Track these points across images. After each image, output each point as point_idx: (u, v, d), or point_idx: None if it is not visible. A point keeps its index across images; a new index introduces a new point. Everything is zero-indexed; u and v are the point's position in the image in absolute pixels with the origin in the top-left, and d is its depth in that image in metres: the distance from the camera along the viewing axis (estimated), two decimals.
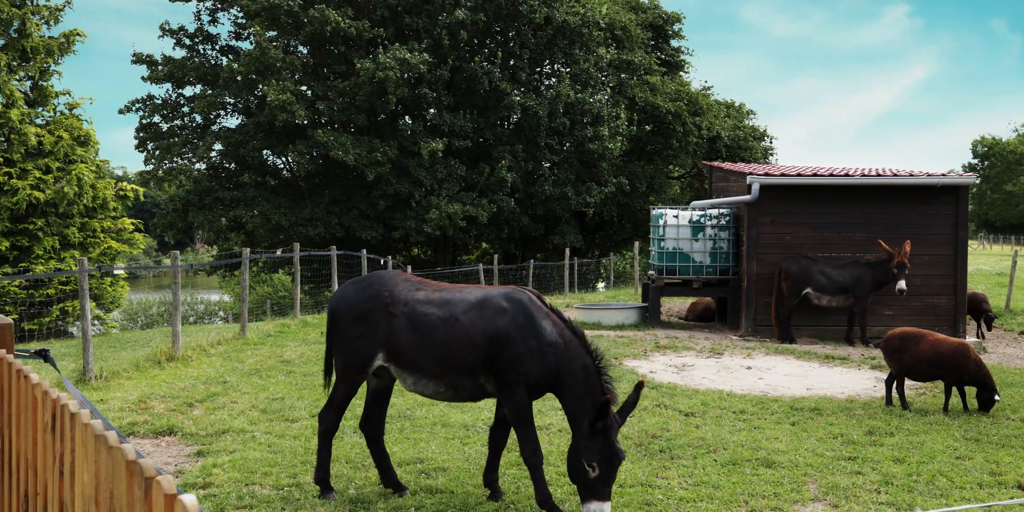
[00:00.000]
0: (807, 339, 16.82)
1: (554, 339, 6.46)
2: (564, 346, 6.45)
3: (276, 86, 30.60)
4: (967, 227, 17.11)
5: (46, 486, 2.86)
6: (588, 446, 6.12)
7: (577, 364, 6.42)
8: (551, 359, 6.43)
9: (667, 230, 17.78)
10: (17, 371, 3.20)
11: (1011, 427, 9.85)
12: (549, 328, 6.49)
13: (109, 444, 2.12)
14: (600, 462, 6.09)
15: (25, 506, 3.09)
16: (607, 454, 6.10)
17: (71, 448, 2.53)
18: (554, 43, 34.73)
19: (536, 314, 6.52)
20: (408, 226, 32.41)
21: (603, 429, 6.10)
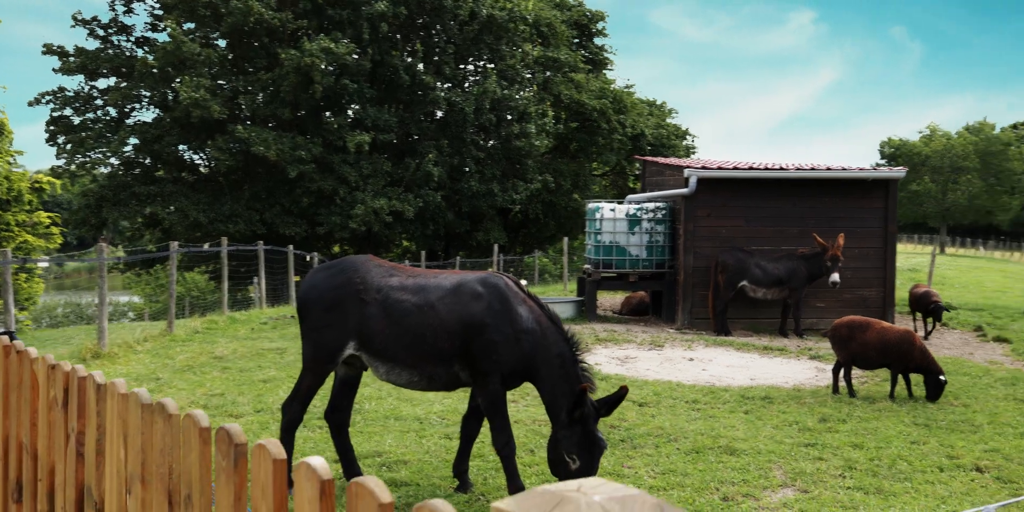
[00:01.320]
0: (742, 331, 16.95)
1: (530, 326, 6.27)
2: (541, 333, 6.27)
3: (190, 82, 29.75)
4: (896, 220, 17.44)
5: (52, 470, 2.58)
6: (567, 437, 5.96)
7: (553, 351, 6.26)
8: (527, 347, 6.24)
9: (604, 224, 17.74)
10: (3, 347, 2.90)
11: (956, 413, 10.01)
12: (525, 314, 6.30)
13: (167, 412, 1.88)
14: (580, 453, 5.93)
15: (18, 495, 2.79)
16: (586, 444, 5.94)
17: (97, 424, 2.27)
18: (480, 38, 34.55)
19: (512, 300, 6.33)
20: (333, 222, 31.87)
21: (581, 418, 5.94)
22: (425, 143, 33.68)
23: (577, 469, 5.93)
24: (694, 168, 16.93)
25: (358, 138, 30.48)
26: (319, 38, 30.34)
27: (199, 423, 1.77)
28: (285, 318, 18.57)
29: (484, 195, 34.46)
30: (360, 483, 1.37)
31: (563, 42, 38.72)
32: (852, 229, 17.12)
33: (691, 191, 16.85)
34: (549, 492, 1.07)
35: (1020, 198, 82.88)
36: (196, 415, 1.80)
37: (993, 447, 8.51)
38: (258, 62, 33.17)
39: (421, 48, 33.23)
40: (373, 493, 1.29)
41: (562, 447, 5.95)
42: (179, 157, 35.64)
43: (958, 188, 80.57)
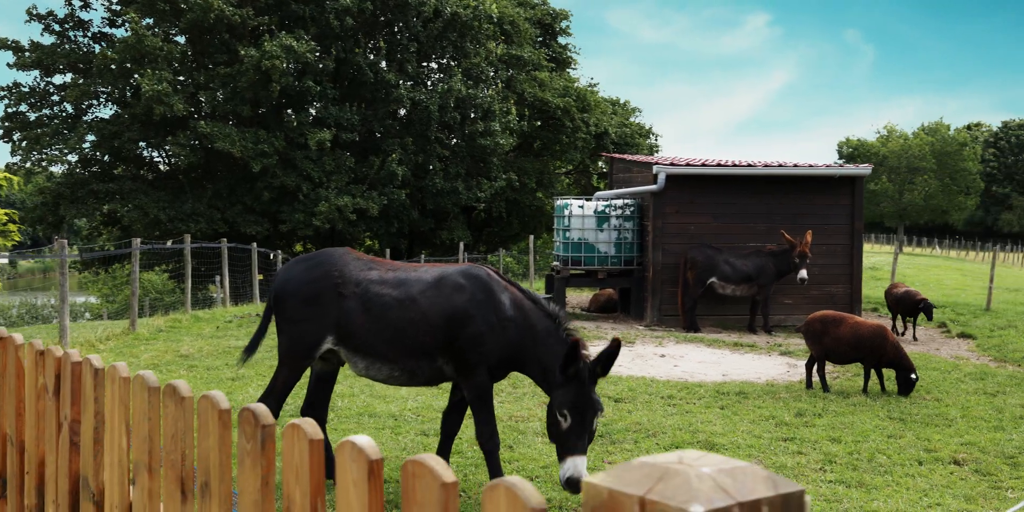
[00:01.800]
0: (711, 328, 16.97)
1: (513, 313, 6.15)
2: (523, 316, 6.14)
3: (152, 76, 29.29)
4: (863, 217, 17.55)
5: (41, 462, 2.42)
6: (559, 395, 5.71)
7: (539, 328, 6.10)
8: (512, 334, 6.11)
9: (572, 220, 17.68)
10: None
11: (930, 407, 10.05)
12: (508, 302, 6.17)
13: (180, 395, 1.75)
14: (571, 411, 5.65)
15: (1, 490, 2.63)
16: (579, 403, 5.65)
17: (95, 411, 2.12)
18: (444, 36, 34.36)
19: (495, 289, 6.20)
20: (296, 219, 31.54)
21: (576, 376, 5.67)
22: (389, 141, 33.45)
23: (568, 428, 5.66)
24: (663, 165, 16.92)
25: (319, 135, 30.18)
26: (280, 35, 29.98)
27: (218, 405, 1.64)
28: (250, 316, 18.30)
29: (449, 193, 34.28)
30: (419, 461, 1.25)
31: (527, 40, 38.65)
32: (819, 226, 17.20)
33: (660, 188, 16.83)
34: (649, 464, 0.97)
35: (975, 198, 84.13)
36: (214, 397, 1.67)
37: (969, 440, 8.54)
38: (218, 58, 32.73)
39: (384, 45, 32.98)
40: (434, 472, 1.18)
41: (554, 406, 5.72)
42: (138, 154, 35.09)
43: (914, 188, 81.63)
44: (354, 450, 1.34)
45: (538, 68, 38.25)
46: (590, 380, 5.72)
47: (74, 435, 2.26)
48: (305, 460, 1.42)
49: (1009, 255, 67.53)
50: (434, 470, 1.18)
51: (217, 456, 1.65)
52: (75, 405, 2.26)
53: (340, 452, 1.39)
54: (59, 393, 2.31)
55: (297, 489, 1.43)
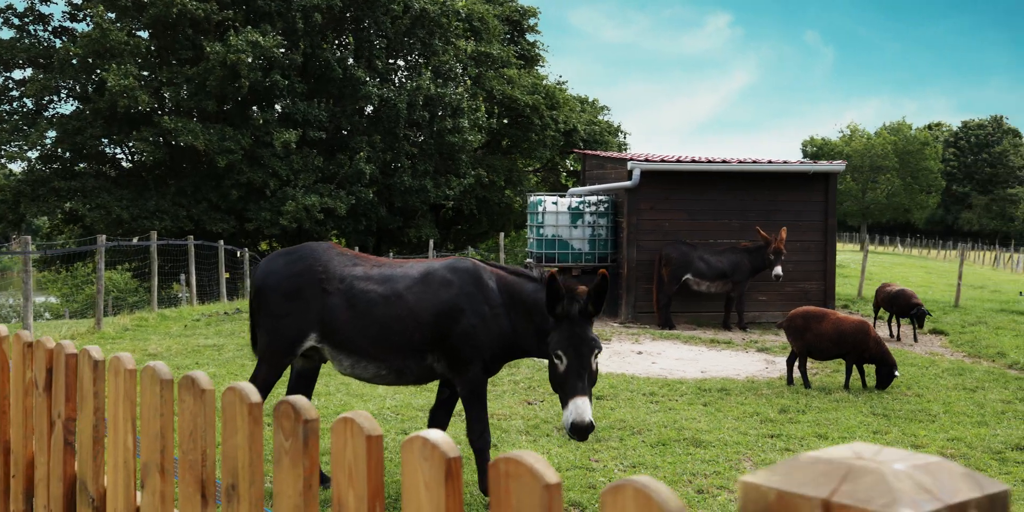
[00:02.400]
0: (685, 325, 16.88)
1: (503, 298, 5.94)
2: (511, 296, 5.92)
3: (117, 70, 28.76)
4: (836, 214, 17.54)
5: (29, 464, 2.21)
6: (552, 337, 5.48)
7: (527, 295, 5.86)
8: (504, 322, 5.90)
9: (546, 217, 17.53)
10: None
11: (912, 403, 10.00)
12: (496, 288, 5.97)
13: (200, 387, 1.56)
14: (566, 350, 5.39)
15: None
16: (573, 340, 5.41)
17: (95, 407, 1.92)
18: (413, 32, 34.08)
19: (483, 277, 6.00)
20: (263, 218, 31.12)
21: (566, 315, 5.45)
22: (357, 138, 33.10)
23: (565, 370, 5.41)
24: (637, 161, 16.81)
25: (285, 136, 29.80)
26: (246, 31, 29.56)
27: (247, 398, 1.45)
28: (218, 315, 17.98)
29: (417, 191, 34.01)
30: (515, 459, 1.08)
31: (495, 37, 38.45)
32: (793, 222, 17.17)
33: (634, 184, 16.71)
34: (823, 461, 0.80)
35: (936, 197, 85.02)
36: (242, 389, 1.48)
37: (954, 436, 8.49)
38: (183, 53, 32.21)
39: (352, 42, 32.63)
40: (533, 471, 1.01)
41: (549, 350, 5.48)
42: (101, 151, 34.47)
43: (877, 186, 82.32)
44: (427, 446, 1.15)
45: (507, 65, 38.06)
46: (582, 319, 5.48)
47: (68, 434, 2.05)
48: (362, 459, 1.24)
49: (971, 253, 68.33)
50: (534, 469, 1.01)
51: (247, 455, 1.46)
52: (70, 401, 2.06)
53: (409, 449, 1.21)
54: (51, 388, 2.10)
55: (351, 492, 1.25)
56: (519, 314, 5.89)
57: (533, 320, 5.84)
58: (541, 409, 9.23)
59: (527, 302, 5.89)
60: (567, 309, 5.47)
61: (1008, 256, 57.86)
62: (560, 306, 5.44)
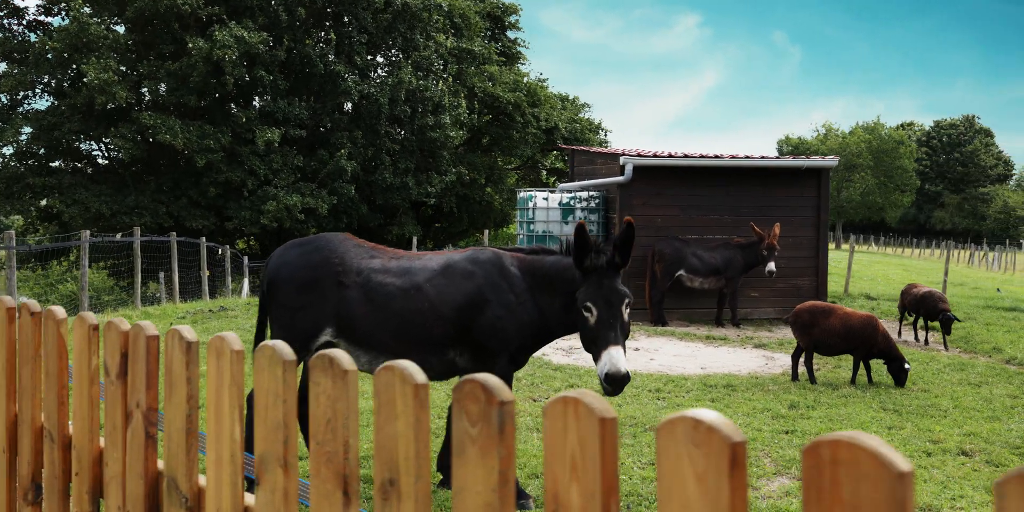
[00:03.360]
0: (678, 321, 16.73)
1: (526, 282, 5.71)
2: (533, 276, 5.70)
3: (97, 64, 28.27)
4: (828, 210, 17.45)
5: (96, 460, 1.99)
6: (583, 291, 5.28)
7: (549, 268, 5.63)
8: (531, 307, 5.69)
9: (537, 213, 17.33)
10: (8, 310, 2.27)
11: (921, 398, 9.89)
12: (519, 274, 5.76)
13: (342, 368, 1.34)
14: (596, 301, 5.21)
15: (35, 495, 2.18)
16: (603, 291, 5.23)
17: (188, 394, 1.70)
18: (394, 27, 33.76)
19: (506, 265, 5.78)
20: (243, 216, 30.72)
21: (594, 267, 5.27)
22: (338, 135, 32.76)
23: (597, 321, 5.22)
24: (630, 156, 16.64)
25: (267, 135, 29.41)
26: (231, 25, 29.15)
27: (412, 378, 1.24)
28: (203, 312, 17.64)
29: (399, 188, 33.70)
30: (847, 442, 0.88)
31: (476, 34, 38.20)
32: (785, 218, 17.06)
33: (627, 179, 16.54)
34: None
35: (910, 195, 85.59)
36: (405, 368, 1.27)
37: (970, 431, 8.38)
38: (164, 48, 31.73)
39: (334, 36, 32.28)
40: (878, 457, 0.82)
41: (579, 304, 5.28)
42: (77, 147, 33.92)
43: (852, 185, 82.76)
44: (699, 429, 0.95)
45: (488, 62, 37.82)
46: (610, 270, 5.30)
47: (150, 426, 1.84)
48: (593, 447, 1.03)
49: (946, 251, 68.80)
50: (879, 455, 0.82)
51: (411, 445, 1.25)
52: (151, 389, 1.84)
53: (669, 433, 1.00)
54: (126, 375, 1.88)
55: (574, 487, 1.04)
56: (542, 292, 5.68)
57: (557, 293, 5.62)
58: None
59: (549, 274, 5.67)
60: (595, 261, 5.28)
61: (983, 254, 58.28)
62: (588, 258, 5.26)
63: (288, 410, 1.50)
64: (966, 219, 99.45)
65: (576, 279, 5.47)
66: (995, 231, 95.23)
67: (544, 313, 5.70)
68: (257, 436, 1.62)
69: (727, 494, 0.95)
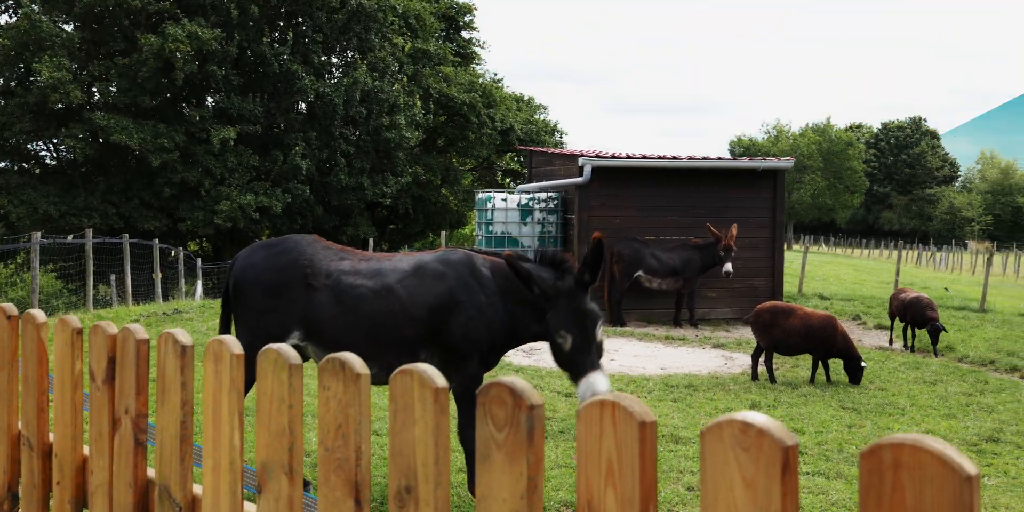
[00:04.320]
0: (636, 322, 16.80)
1: (497, 284, 5.69)
2: (504, 278, 5.67)
3: (50, 62, 27.76)
4: (784, 210, 17.63)
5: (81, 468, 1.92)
6: (553, 315, 5.25)
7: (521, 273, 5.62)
8: (500, 309, 5.67)
9: (495, 214, 17.31)
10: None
11: (879, 396, 10.02)
12: (490, 275, 5.74)
13: (354, 371, 1.30)
14: (569, 327, 5.20)
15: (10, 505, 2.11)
16: (576, 316, 5.22)
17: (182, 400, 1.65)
18: (349, 28, 33.56)
19: (478, 266, 5.76)
20: (196, 217, 30.34)
21: (557, 291, 5.23)
22: (292, 135, 32.48)
23: (572, 348, 5.22)
24: (588, 157, 16.68)
25: (224, 133, 29.10)
26: (183, 22, 28.79)
27: (431, 382, 1.21)
28: (157, 315, 17.39)
29: (354, 189, 33.50)
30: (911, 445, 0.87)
31: (431, 35, 38.08)
32: (742, 219, 17.19)
33: (585, 180, 16.58)
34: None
35: (859, 196, 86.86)
36: (423, 372, 1.23)
37: (927, 428, 8.51)
38: (115, 46, 31.23)
39: (291, 34, 32.00)
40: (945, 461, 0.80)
41: (550, 328, 5.25)
42: (23, 148, 33.27)
43: (803, 186, 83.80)
44: (748, 433, 0.92)
45: (443, 63, 37.72)
46: (579, 290, 5.28)
47: (139, 432, 1.78)
48: (632, 452, 1.00)
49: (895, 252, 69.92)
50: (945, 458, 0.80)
51: (431, 451, 1.21)
52: (141, 394, 1.78)
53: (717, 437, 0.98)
54: (113, 381, 1.82)
55: (611, 493, 1.01)
56: (515, 297, 5.65)
57: (529, 302, 5.59)
58: None
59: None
60: (558, 285, 5.26)
61: (930, 254, 59.32)
62: (553, 283, 5.24)
63: (294, 416, 1.46)
64: (913, 220, 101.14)
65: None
66: (941, 231, 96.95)
67: (515, 318, 5.68)
68: (260, 443, 1.58)
69: (778, 500, 0.93)
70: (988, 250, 36.82)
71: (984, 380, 11.33)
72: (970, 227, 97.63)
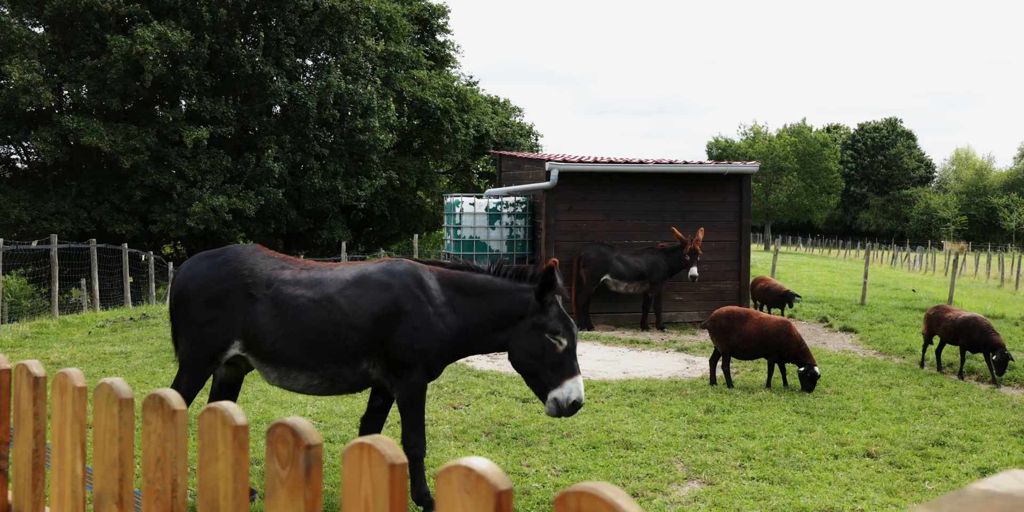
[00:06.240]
0: (604, 326, 16.89)
1: (446, 295, 5.82)
2: (457, 291, 5.83)
3: (21, 64, 27.64)
4: (750, 214, 17.76)
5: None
6: (547, 320, 5.64)
7: (477, 288, 5.83)
8: (451, 320, 5.77)
9: (463, 218, 17.36)
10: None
11: (833, 400, 10.13)
12: (437, 287, 5.84)
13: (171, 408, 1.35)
14: (564, 332, 5.66)
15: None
16: (566, 323, 5.70)
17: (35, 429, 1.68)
18: (321, 30, 33.53)
19: (423, 277, 5.84)
20: (168, 220, 30.24)
21: (553, 301, 5.70)
22: (265, 138, 32.43)
23: (565, 351, 5.65)
24: (555, 161, 16.76)
25: (196, 133, 29.02)
26: (153, 24, 28.70)
27: (232, 420, 1.26)
28: (124, 320, 17.35)
29: (328, 192, 33.47)
30: (590, 494, 0.92)
31: (404, 37, 38.06)
32: (708, 223, 17.31)
33: (552, 185, 16.66)
34: (1000, 495, 0.67)
35: (836, 197, 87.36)
36: (226, 410, 1.29)
37: (876, 433, 8.60)
38: (85, 48, 31.09)
39: (263, 35, 31.94)
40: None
41: (545, 331, 5.62)
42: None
43: (779, 187, 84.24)
44: (470, 477, 0.99)
45: (416, 66, 37.71)
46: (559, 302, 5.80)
47: (1, 460, 1.82)
48: (384, 492, 1.07)
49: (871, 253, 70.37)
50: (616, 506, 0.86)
51: (231, 485, 1.27)
52: (2, 423, 1.82)
53: (447, 481, 1.05)
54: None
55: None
56: (467, 308, 5.79)
57: (484, 311, 5.77)
58: (468, 414, 9.07)
59: (478, 292, 5.82)
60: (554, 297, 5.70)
61: (904, 255, 59.75)
62: (551, 295, 5.64)
63: (124, 448, 1.51)
64: (890, 220, 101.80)
65: (516, 302, 5.73)
66: (917, 232, 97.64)
67: (465, 329, 5.80)
68: (96, 473, 1.63)
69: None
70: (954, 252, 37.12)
71: (940, 383, 11.45)
72: (945, 227, 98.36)
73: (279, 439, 1.23)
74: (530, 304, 5.71)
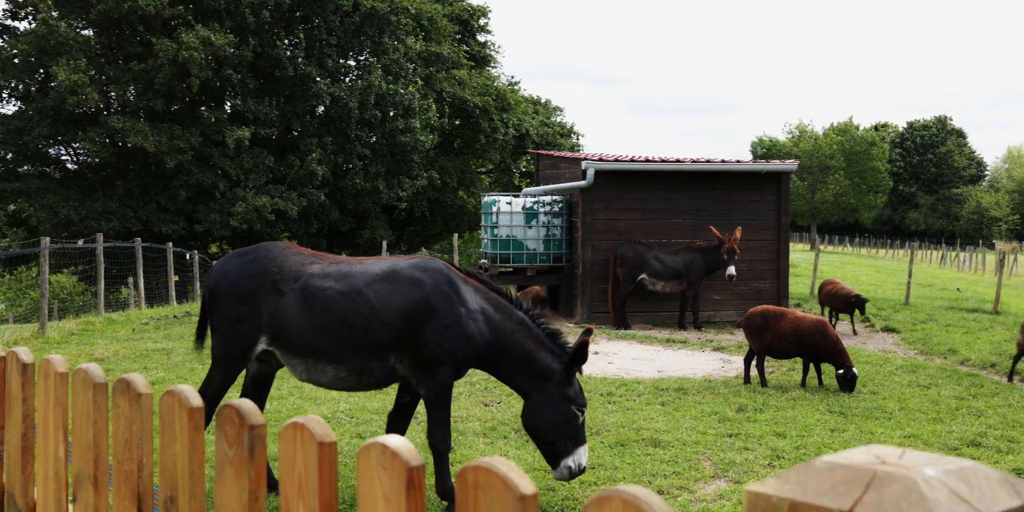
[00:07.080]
0: (641, 325, 16.86)
1: (480, 305, 5.89)
2: (494, 309, 5.92)
3: (68, 65, 28.19)
4: (789, 213, 17.62)
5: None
6: (576, 394, 5.89)
7: (515, 319, 5.94)
8: (482, 327, 5.84)
9: (500, 217, 17.42)
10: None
11: (868, 400, 10.03)
12: (471, 294, 5.90)
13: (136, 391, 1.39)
14: (586, 405, 6.01)
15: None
16: (583, 397, 6.00)
17: (24, 413, 1.75)
18: (362, 31, 33.80)
19: (456, 279, 5.91)
20: (213, 219, 30.67)
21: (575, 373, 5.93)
22: (308, 140, 32.76)
23: (581, 422, 5.93)
24: (591, 160, 16.76)
25: (238, 133, 29.41)
26: (198, 28, 29.14)
27: (187, 402, 1.32)
28: (167, 318, 17.64)
29: (369, 192, 33.72)
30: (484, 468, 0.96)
31: (445, 37, 38.22)
32: (746, 222, 17.21)
33: (589, 184, 16.66)
34: (841, 466, 0.70)
35: (883, 197, 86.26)
36: (182, 392, 1.35)
37: (911, 433, 8.51)
38: (131, 50, 31.65)
39: (304, 38, 32.30)
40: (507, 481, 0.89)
41: (571, 404, 5.86)
42: (44, 152, 33.77)
43: (826, 187, 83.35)
44: (385, 454, 1.03)
45: (457, 66, 37.85)
46: None
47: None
48: (313, 469, 1.11)
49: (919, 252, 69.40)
50: (507, 479, 0.90)
51: (187, 465, 1.32)
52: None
53: (366, 457, 1.09)
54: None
55: (301, 505, 1.12)
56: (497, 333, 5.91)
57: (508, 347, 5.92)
58: (498, 411, 9.12)
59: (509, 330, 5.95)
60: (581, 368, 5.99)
61: (954, 254, 58.82)
62: (579, 366, 5.88)
63: (98, 431, 1.57)
64: (940, 220, 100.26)
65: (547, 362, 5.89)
66: (968, 232, 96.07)
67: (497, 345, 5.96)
68: (75, 456, 1.69)
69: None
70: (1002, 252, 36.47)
71: (980, 384, 11.29)
72: (997, 227, 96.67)
73: (226, 420, 1.28)
74: (558, 372, 5.85)
